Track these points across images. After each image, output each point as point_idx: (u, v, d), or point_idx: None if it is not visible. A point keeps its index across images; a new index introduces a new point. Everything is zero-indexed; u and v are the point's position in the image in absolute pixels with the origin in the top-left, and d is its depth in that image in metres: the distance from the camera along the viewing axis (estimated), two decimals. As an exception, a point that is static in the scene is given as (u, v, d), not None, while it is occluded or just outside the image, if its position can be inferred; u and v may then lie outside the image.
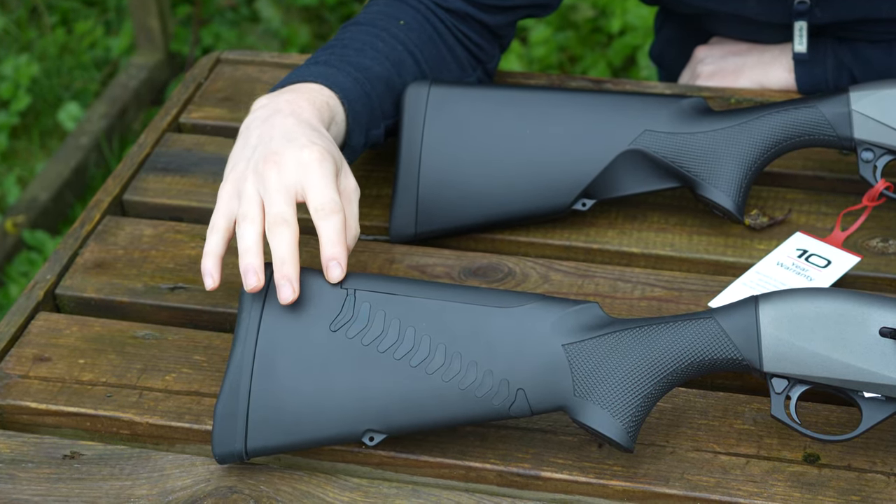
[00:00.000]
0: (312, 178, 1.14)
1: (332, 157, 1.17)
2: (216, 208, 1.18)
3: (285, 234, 1.12)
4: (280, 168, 1.15)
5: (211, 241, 1.16)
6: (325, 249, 1.12)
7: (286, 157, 1.15)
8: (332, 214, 1.13)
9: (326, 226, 1.13)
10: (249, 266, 1.11)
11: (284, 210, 1.13)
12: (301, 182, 1.14)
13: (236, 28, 3.26)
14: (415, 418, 1.09)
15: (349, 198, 1.19)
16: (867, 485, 1.08)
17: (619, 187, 1.32)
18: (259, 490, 1.10)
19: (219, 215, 1.17)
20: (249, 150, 1.19)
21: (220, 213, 1.17)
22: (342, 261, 1.12)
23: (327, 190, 1.14)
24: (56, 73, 3.14)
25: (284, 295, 1.10)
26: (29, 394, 1.20)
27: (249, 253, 1.12)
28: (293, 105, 1.23)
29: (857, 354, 1.04)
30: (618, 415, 1.06)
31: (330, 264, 1.12)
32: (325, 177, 1.15)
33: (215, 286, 1.15)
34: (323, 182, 1.14)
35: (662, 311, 1.25)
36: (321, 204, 1.13)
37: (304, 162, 1.15)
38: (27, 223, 2.70)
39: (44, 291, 1.30)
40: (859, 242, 1.32)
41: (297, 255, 1.12)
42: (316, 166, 1.15)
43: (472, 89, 1.36)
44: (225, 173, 1.20)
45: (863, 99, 1.29)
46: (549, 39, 3.04)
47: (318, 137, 1.19)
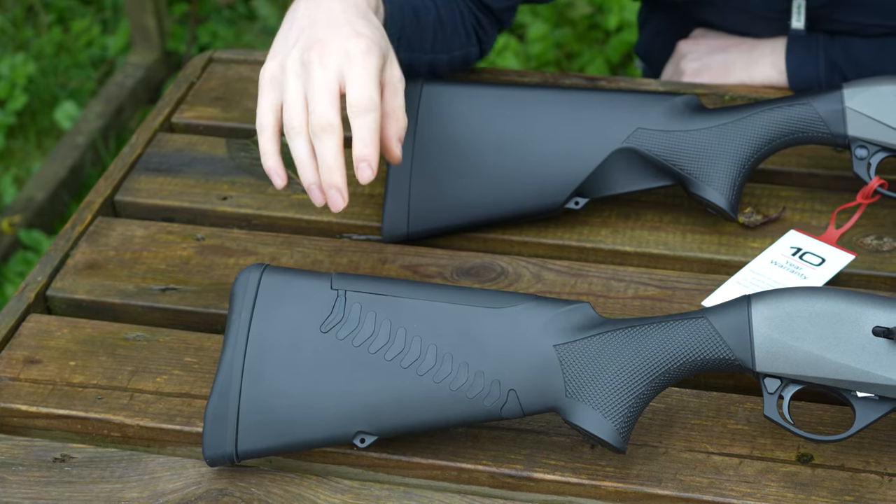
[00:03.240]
0: (355, 71, 1.12)
1: (378, 48, 1.14)
2: (260, 100, 1.16)
3: (331, 141, 1.11)
4: (323, 59, 1.13)
5: (264, 141, 1.15)
6: (357, 148, 1.11)
7: (331, 46, 1.13)
8: (368, 112, 1.11)
9: (360, 123, 1.11)
10: (312, 183, 1.12)
11: (329, 114, 1.11)
12: (343, 74, 1.12)
13: (233, 26, 3.26)
14: (406, 420, 1.08)
15: (394, 88, 1.17)
16: (861, 485, 1.07)
17: (612, 186, 1.32)
18: (250, 492, 1.09)
19: (263, 109, 1.15)
20: (294, 34, 1.17)
21: (265, 108, 1.15)
22: (373, 162, 1.11)
23: (368, 86, 1.12)
24: (52, 71, 3.14)
25: (335, 202, 1.11)
26: (19, 396, 1.19)
27: (307, 168, 1.12)
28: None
29: (850, 354, 1.03)
30: (609, 416, 1.05)
31: (360, 165, 1.11)
32: (368, 71, 1.12)
33: (284, 183, 1.15)
34: (365, 77, 1.12)
35: (656, 310, 1.25)
36: (358, 100, 1.12)
37: (349, 52, 1.13)
38: (23, 223, 2.70)
39: (35, 293, 1.30)
40: (853, 240, 1.31)
41: (342, 162, 1.11)
42: (359, 59, 1.12)
43: (465, 88, 1.36)
44: (267, 58, 1.18)
45: (856, 96, 1.28)
46: (547, 36, 3.03)
47: (365, 25, 1.16)
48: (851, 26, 1.48)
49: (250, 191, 1.41)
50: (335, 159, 1.11)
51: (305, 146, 1.13)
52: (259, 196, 1.41)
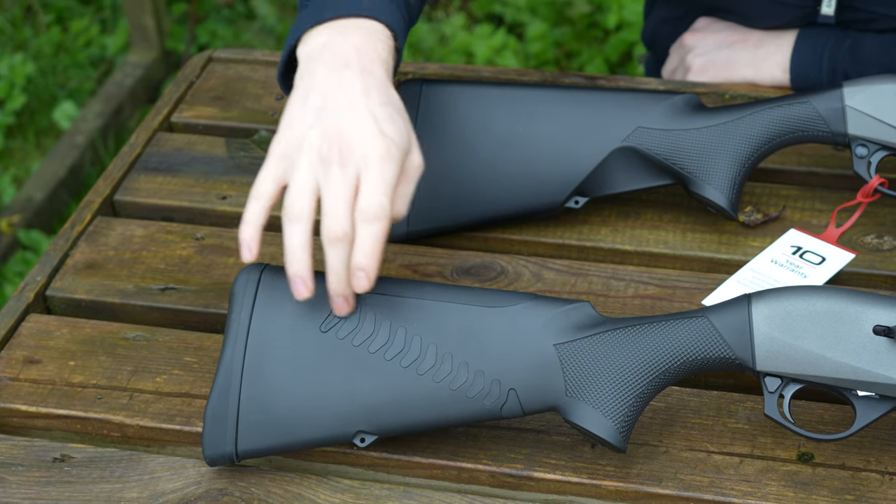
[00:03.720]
0: (370, 176, 1.08)
1: (399, 150, 1.10)
2: (264, 168, 1.11)
3: (343, 251, 1.07)
4: (343, 159, 1.08)
5: (252, 208, 1.10)
6: (357, 257, 1.07)
7: (353, 144, 1.09)
8: (376, 221, 1.07)
9: (366, 232, 1.07)
10: (297, 274, 1.07)
11: (345, 222, 1.07)
12: (359, 175, 1.08)
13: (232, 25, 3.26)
14: (406, 419, 1.08)
15: (409, 176, 1.12)
16: (861, 484, 1.07)
17: (612, 185, 1.32)
18: (250, 492, 1.09)
19: (266, 179, 1.10)
20: (312, 110, 1.12)
21: (268, 177, 1.10)
22: (371, 273, 1.07)
23: (378, 194, 1.07)
24: (51, 71, 3.13)
25: (339, 307, 1.08)
26: (19, 396, 1.19)
27: (296, 259, 1.08)
28: (363, 58, 1.14)
29: (850, 353, 1.03)
30: (610, 415, 1.05)
31: (357, 273, 1.07)
32: (385, 179, 1.08)
33: (253, 259, 1.10)
34: (379, 185, 1.08)
35: (656, 309, 1.24)
36: (367, 207, 1.07)
37: (368, 157, 1.09)
38: (22, 223, 2.69)
39: (34, 293, 1.30)
40: (854, 239, 1.31)
41: (347, 272, 1.07)
42: (378, 164, 1.08)
43: (465, 87, 1.36)
44: (280, 128, 1.13)
45: (857, 94, 1.28)
46: (546, 35, 3.03)
47: (387, 119, 1.11)
48: (871, 15, 1.48)
49: (250, 190, 1.41)
50: (344, 270, 1.07)
51: (303, 234, 1.08)
52: (258, 195, 1.40)
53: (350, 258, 1.07)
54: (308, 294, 1.08)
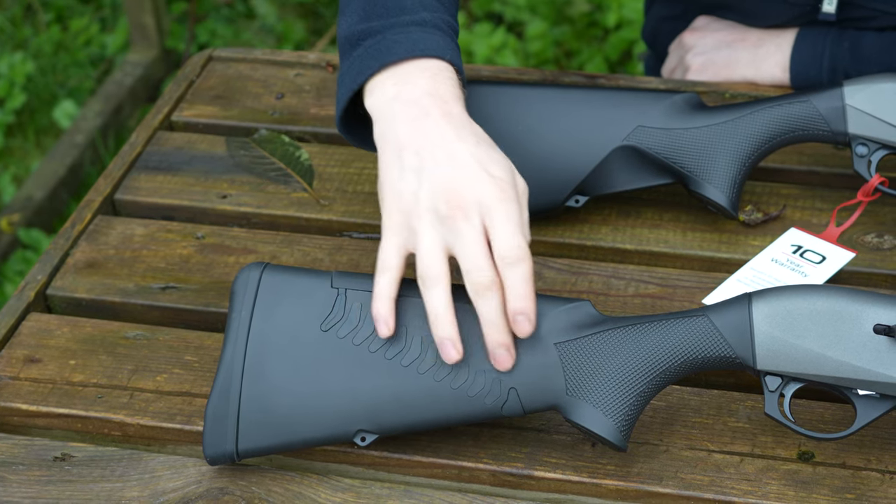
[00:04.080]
0: (497, 221, 1.06)
1: (511, 187, 1.08)
2: (385, 241, 1.09)
3: (496, 300, 1.05)
4: (466, 212, 1.06)
5: (381, 283, 1.08)
6: (511, 302, 1.05)
7: (467, 196, 1.06)
8: (519, 262, 1.05)
9: (512, 275, 1.05)
10: (445, 337, 1.05)
11: (490, 272, 1.05)
12: (486, 221, 1.06)
13: (232, 24, 3.26)
14: (406, 418, 1.08)
15: (521, 203, 1.10)
16: (862, 482, 1.07)
17: (612, 184, 1.32)
18: (251, 491, 1.09)
19: (390, 252, 1.08)
20: (412, 173, 1.09)
21: (392, 250, 1.08)
22: (531, 315, 1.05)
23: (514, 236, 1.05)
24: (51, 70, 3.13)
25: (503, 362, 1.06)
26: (20, 395, 1.19)
27: (442, 322, 1.05)
28: (439, 102, 1.12)
29: (851, 352, 1.03)
30: (611, 414, 1.05)
31: (518, 318, 1.05)
32: (512, 219, 1.06)
33: (390, 334, 1.07)
34: (509, 226, 1.06)
35: (656, 308, 1.24)
36: (508, 251, 1.05)
37: (485, 202, 1.06)
38: (23, 221, 2.69)
39: (35, 292, 1.30)
40: (854, 238, 1.31)
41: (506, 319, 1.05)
42: (501, 207, 1.06)
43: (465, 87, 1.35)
44: (384, 196, 1.10)
45: (857, 93, 1.28)
46: (545, 34, 3.03)
47: (491, 160, 1.09)
48: (872, 13, 1.48)
49: (250, 189, 1.41)
50: (500, 318, 1.05)
51: (444, 297, 1.06)
52: (259, 194, 1.40)
53: (504, 305, 1.05)
54: (458, 357, 1.06)
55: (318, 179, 1.42)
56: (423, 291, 1.07)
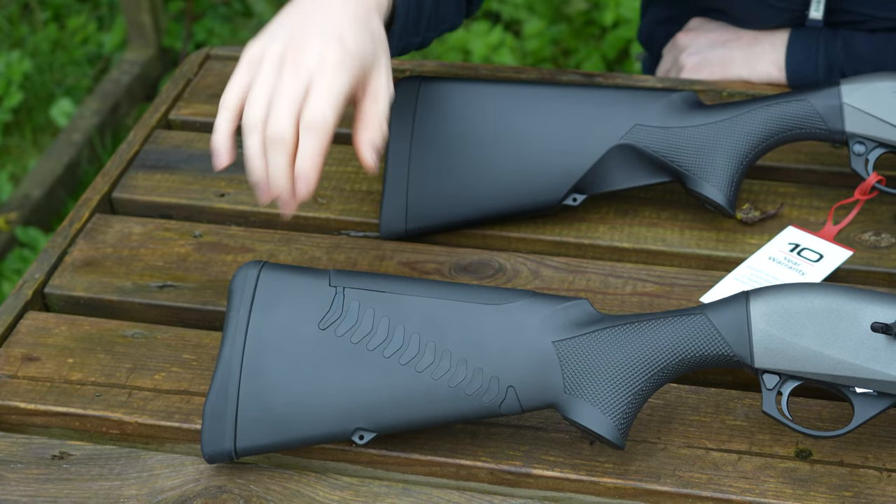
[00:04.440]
0: (320, 84, 1.11)
1: (356, 61, 1.13)
2: (233, 77, 1.15)
3: (280, 156, 1.11)
4: (296, 63, 1.12)
5: (220, 118, 1.14)
6: (298, 163, 1.11)
7: (309, 49, 1.12)
8: (317, 132, 1.11)
9: (306, 142, 1.11)
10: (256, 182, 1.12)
11: (284, 126, 1.10)
12: (311, 82, 1.12)
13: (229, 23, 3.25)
14: (405, 416, 1.08)
15: (375, 96, 1.15)
16: (859, 480, 1.08)
17: (610, 182, 1.32)
18: (249, 489, 1.09)
19: (232, 89, 1.15)
20: (289, 20, 1.16)
21: (235, 88, 1.15)
22: (311, 182, 1.10)
23: (326, 104, 1.11)
24: (48, 69, 3.13)
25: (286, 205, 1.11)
26: (17, 394, 1.19)
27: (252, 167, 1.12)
28: None
29: (848, 350, 1.03)
30: (609, 412, 1.05)
31: (298, 179, 1.11)
32: (332, 88, 1.11)
33: (222, 167, 1.14)
34: (326, 93, 1.11)
35: (654, 306, 1.25)
36: (311, 117, 1.11)
37: (324, 60, 1.12)
38: (20, 220, 2.69)
39: (32, 290, 1.30)
40: (851, 236, 1.31)
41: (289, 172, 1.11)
42: (329, 72, 1.12)
43: (463, 84, 1.36)
44: (250, 45, 1.17)
45: (854, 92, 1.28)
46: (543, 32, 3.03)
47: (353, 32, 1.14)
48: (861, 17, 1.48)
49: (248, 187, 1.41)
50: (284, 173, 1.11)
51: (258, 145, 1.12)
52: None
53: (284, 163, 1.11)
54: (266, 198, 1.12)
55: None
56: (244, 135, 1.12)
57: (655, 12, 1.70)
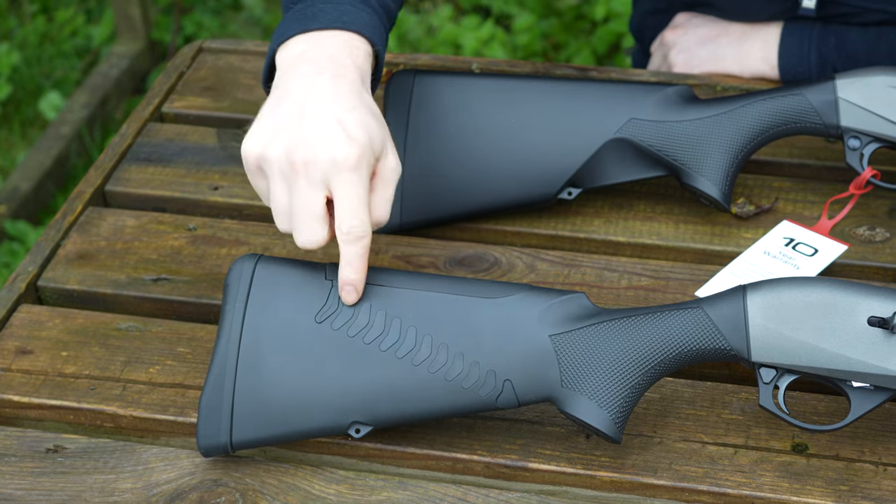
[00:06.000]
0: (344, 190, 1.08)
1: (369, 153, 1.09)
2: (255, 185, 1.13)
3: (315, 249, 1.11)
4: (309, 170, 1.07)
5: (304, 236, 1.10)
6: (344, 272, 1.08)
7: (318, 154, 1.08)
8: (358, 240, 1.08)
9: (349, 250, 1.08)
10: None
11: (314, 237, 1.09)
12: (331, 186, 1.08)
13: (218, 16, 3.25)
14: (401, 410, 1.08)
15: (386, 180, 1.12)
16: (855, 474, 1.08)
17: (605, 176, 1.32)
18: (245, 483, 1.09)
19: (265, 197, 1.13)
20: (281, 117, 1.11)
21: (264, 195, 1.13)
22: (359, 286, 1.09)
23: (357, 210, 1.08)
24: (36, 61, 3.12)
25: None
26: (11, 387, 1.18)
27: None
28: (336, 65, 1.14)
29: (845, 344, 1.03)
30: (605, 405, 1.05)
31: (346, 288, 1.08)
32: (358, 191, 1.08)
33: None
34: (354, 199, 1.08)
35: (649, 300, 1.25)
36: (349, 227, 1.07)
37: (337, 164, 1.07)
38: (8, 213, 2.68)
39: (26, 284, 1.29)
40: (846, 231, 1.31)
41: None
42: (348, 176, 1.08)
43: (458, 78, 1.35)
44: (253, 128, 1.12)
45: (849, 86, 1.28)
46: (533, 27, 3.03)
47: (356, 123, 1.10)
48: (854, 9, 1.48)
49: (241, 181, 1.41)
50: None
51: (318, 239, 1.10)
52: (250, 186, 1.39)
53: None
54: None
55: (309, 171, 1.41)
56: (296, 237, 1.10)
57: (646, 3, 1.70)
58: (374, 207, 1.11)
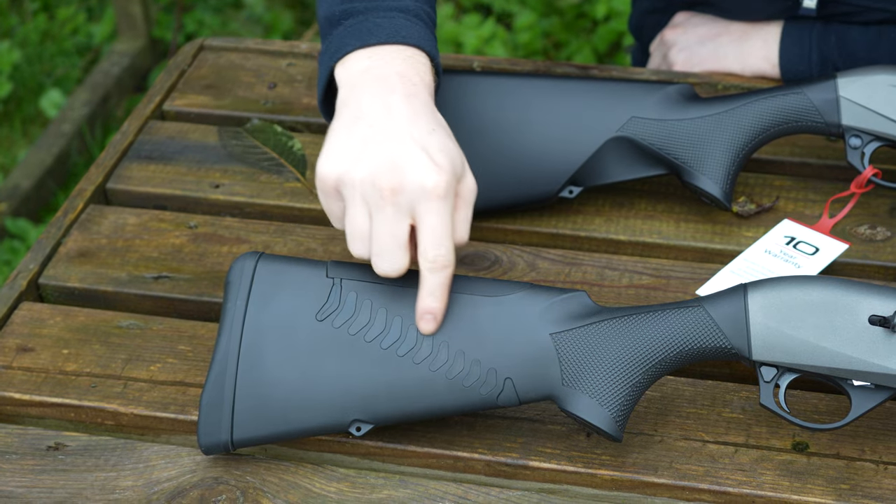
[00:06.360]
0: (427, 217, 1.06)
1: (454, 179, 1.07)
2: (328, 209, 1.11)
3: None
4: (397, 197, 1.05)
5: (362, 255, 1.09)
6: (425, 301, 1.07)
7: (406, 179, 1.05)
8: (444, 269, 1.06)
9: (433, 279, 1.06)
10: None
11: (399, 267, 1.07)
12: (417, 213, 1.06)
13: (219, 14, 3.25)
14: (402, 408, 1.08)
15: (466, 200, 1.10)
16: (856, 473, 1.08)
17: (606, 175, 1.32)
18: (245, 481, 1.09)
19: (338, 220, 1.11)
20: (359, 139, 1.08)
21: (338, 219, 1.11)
22: (439, 316, 1.07)
23: (444, 239, 1.06)
24: (38, 59, 3.12)
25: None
26: (12, 384, 1.18)
27: None
28: (407, 83, 1.12)
29: (846, 342, 1.03)
30: (606, 404, 1.05)
31: (424, 317, 1.07)
32: (444, 220, 1.06)
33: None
34: (440, 228, 1.06)
35: (650, 298, 1.25)
36: (433, 257, 1.06)
37: (426, 192, 1.05)
38: (9, 211, 2.68)
39: (27, 281, 1.29)
40: (847, 229, 1.31)
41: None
42: (437, 204, 1.06)
43: (459, 77, 1.35)
44: (325, 157, 1.09)
45: (850, 85, 1.28)
46: (534, 25, 3.03)
47: (439, 148, 1.08)
48: (855, 8, 1.48)
49: (242, 179, 1.41)
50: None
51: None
52: (251, 184, 1.40)
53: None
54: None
55: (310, 169, 1.42)
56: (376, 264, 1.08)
57: (645, 2, 1.70)
58: (456, 230, 1.09)
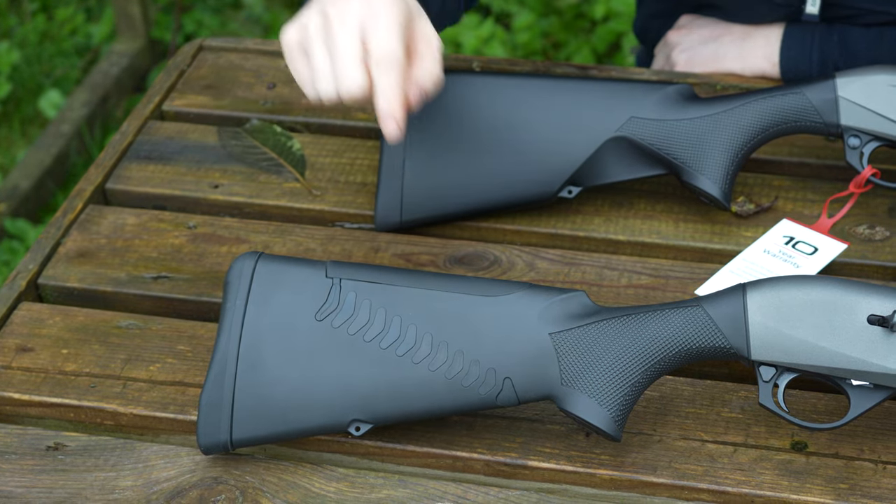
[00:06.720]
0: (377, 21, 1.07)
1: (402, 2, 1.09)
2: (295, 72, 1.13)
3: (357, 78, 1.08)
4: (342, 14, 1.08)
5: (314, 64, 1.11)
6: (381, 104, 1.07)
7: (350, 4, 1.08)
8: (392, 69, 1.07)
9: (383, 81, 1.07)
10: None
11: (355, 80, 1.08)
12: (365, 27, 1.08)
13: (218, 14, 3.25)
14: (401, 408, 1.08)
15: (429, 42, 1.11)
16: (855, 472, 1.08)
17: (605, 174, 1.32)
18: (245, 481, 1.09)
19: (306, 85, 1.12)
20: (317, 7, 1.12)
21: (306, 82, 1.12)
22: (398, 116, 1.07)
23: (391, 39, 1.07)
24: (37, 60, 3.12)
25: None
26: (12, 384, 1.19)
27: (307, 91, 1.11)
28: None
29: (845, 342, 1.03)
30: (605, 403, 1.05)
31: (386, 120, 1.07)
32: (391, 22, 1.07)
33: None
34: (387, 29, 1.07)
35: (649, 298, 1.25)
36: (381, 55, 1.07)
37: (370, 3, 1.08)
38: (8, 211, 2.68)
39: (26, 281, 1.29)
40: (846, 229, 1.31)
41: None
42: (381, 9, 1.07)
43: (459, 76, 1.35)
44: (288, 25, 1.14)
45: (849, 85, 1.29)
46: (533, 25, 3.03)
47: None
48: (856, 11, 1.48)
49: (242, 179, 1.41)
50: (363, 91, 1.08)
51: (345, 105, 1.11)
52: (250, 184, 1.40)
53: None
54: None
55: (310, 169, 1.42)
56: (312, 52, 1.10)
57: (650, 6, 1.70)
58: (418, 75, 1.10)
